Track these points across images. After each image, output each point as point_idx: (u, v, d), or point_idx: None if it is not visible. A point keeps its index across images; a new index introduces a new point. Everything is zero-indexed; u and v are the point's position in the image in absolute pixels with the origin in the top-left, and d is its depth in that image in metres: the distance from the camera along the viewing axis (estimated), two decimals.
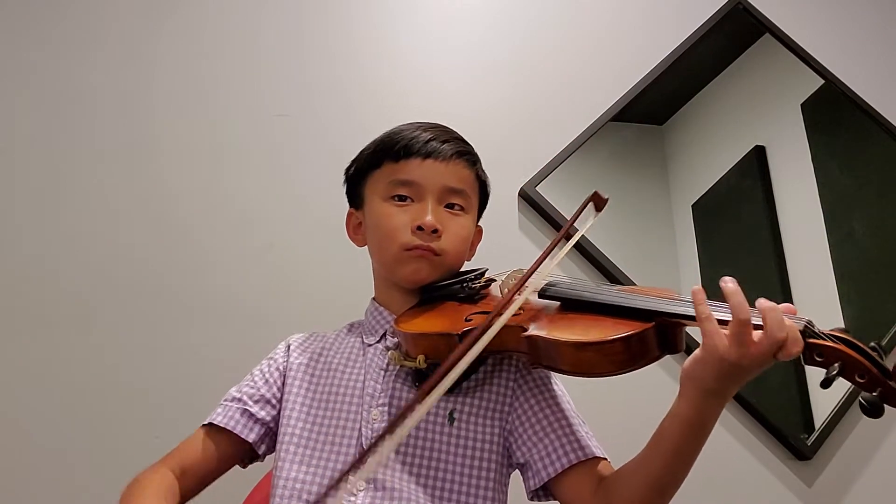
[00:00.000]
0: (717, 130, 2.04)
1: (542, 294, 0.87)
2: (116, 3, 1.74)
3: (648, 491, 0.77)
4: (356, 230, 1.05)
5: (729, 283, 0.69)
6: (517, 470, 0.91)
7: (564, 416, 0.89)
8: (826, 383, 0.65)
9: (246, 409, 0.94)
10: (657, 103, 2.00)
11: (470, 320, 0.86)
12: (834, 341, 0.67)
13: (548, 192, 1.75)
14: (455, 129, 1.04)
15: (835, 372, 0.65)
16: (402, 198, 0.96)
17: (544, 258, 0.84)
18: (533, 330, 0.80)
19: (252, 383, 0.97)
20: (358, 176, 1.03)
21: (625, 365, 0.74)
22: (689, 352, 0.75)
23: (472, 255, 1.06)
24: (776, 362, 0.68)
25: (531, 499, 0.89)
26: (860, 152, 2.10)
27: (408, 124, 1.02)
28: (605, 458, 0.87)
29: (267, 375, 0.98)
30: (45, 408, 1.41)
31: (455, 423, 0.88)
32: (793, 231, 1.89)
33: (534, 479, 0.86)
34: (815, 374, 1.73)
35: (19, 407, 1.41)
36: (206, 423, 0.94)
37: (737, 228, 1.93)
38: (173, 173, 1.63)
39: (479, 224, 1.07)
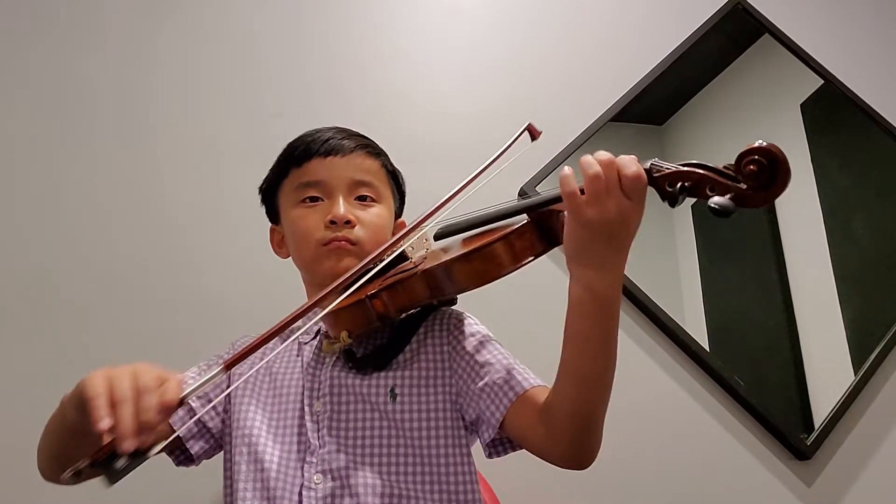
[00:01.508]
0: (717, 130, 2.04)
1: (437, 236, 0.93)
2: (116, 3, 1.74)
3: (575, 390, 0.77)
4: (280, 244, 1.07)
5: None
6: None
7: (498, 362, 0.89)
8: (672, 201, 0.69)
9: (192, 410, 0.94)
10: (657, 103, 2.00)
11: (381, 284, 0.88)
12: (678, 167, 0.70)
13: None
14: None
15: (678, 190, 0.68)
16: (312, 199, 0.98)
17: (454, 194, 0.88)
18: (427, 265, 0.84)
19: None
20: (270, 191, 1.06)
21: (515, 261, 0.79)
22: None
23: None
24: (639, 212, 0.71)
25: (489, 456, 0.90)
26: (860, 152, 2.10)
27: (309, 130, 1.04)
28: (544, 385, 0.87)
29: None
30: (42, 408, 1.41)
31: (398, 399, 0.89)
32: (793, 231, 1.90)
33: (487, 432, 0.87)
34: (815, 374, 1.74)
35: (18, 408, 1.41)
36: None
37: (737, 228, 1.93)
38: (172, 173, 1.63)
39: (402, 219, 1.09)
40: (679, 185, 0.68)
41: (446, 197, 0.88)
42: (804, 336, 1.78)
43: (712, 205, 0.65)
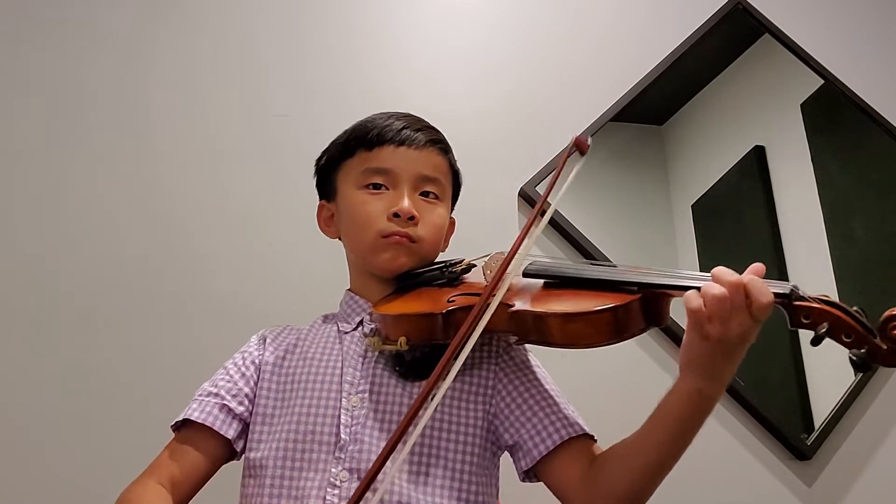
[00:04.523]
0: (717, 130, 2.04)
1: (526, 273, 0.88)
2: (116, 4, 1.74)
3: (641, 474, 0.77)
4: (328, 222, 1.05)
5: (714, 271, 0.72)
6: (507, 453, 0.91)
7: (551, 396, 0.89)
8: (816, 341, 0.68)
9: (224, 405, 0.91)
10: (657, 103, 1.99)
11: (452, 301, 0.86)
12: (820, 303, 0.69)
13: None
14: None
15: (823, 331, 0.68)
16: (376, 186, 0.96)
17: (530, 225, 0.83)
18: (520, 305, 0.80)
19: (228, 377, 0.94)
20: (329, 166, 1.03)
21: (612, 336, 0.75)
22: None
23: (446, 247, 1.06)
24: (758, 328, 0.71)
25: (523, 480, 0.89)
26: (860, 152, 2.10)
27: (379, 113, 1.03)
28: (594, 439, 0.87)
29: (243, 369, 0.95)
30: (45, 409, 1.41)
31: (438, 409, 0.87)
32: (793, 231, 1.89)
33: (525, 460, 0.86)
34: (815, 374, 1.74)
35: (20, 408, 1.41)
36: (180, 419, 0.90)
37: (737, 228, 1.93)
38: (173, 174, 1.63)
39: (452, 216, 1.07)
40: (821, 326, 0.68)
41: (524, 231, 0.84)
42: (804, 336, 1.78)
43: (856, 359, 0.67)
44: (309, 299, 1.54)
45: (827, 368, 1.79)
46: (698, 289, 0.71)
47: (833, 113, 2.09)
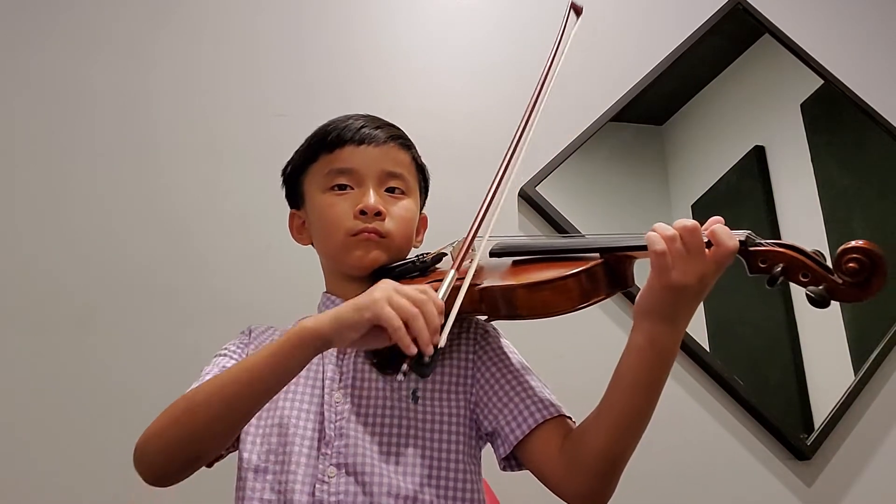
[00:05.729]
0: (717, 130, 2.04)
1: (492, 253, 0.90)
2: (117, 4, 1.74)
3: (613, 432, 0.77)
4: (299, 230, 1.06)
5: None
6: (489, 444, 0.92)
7: (526, 381, 0.89)
8: (772, 281, 0.70)
9: None
10: (657, 103, 2.00)
11: None
12: (775, 246, 0.71)
13: (548, 192, 1.75)
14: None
15: (778, 271, 0.69)
16: (341, 187, 0.96)
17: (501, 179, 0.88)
18: (486, 283, 0.82)
19: (222, 369, 0.94)
20: (295, 174, 1.04)
21: (579, 301, 0.77)
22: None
23: (420, 242, 1.07)
24: (716, 281, 0.73)
25: (503, 468, 0.90)
26: (860, 152, 2.10)
27: (339, 116, 1.03)
28: (571, 418, 0.88)
29: (236, 359, 0.95)
30: (45, 408, 1.41)
31: (419, 402, 0.88)
32: (793, 231, 1.90)
33: (503, 446, 0.87)
34: (815, 374, 1.74)
35: (20, 407, 1.41)
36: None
37: (736, 228, 1.93)
38: (173, 173, 1.63)
39: (423, 212, 1.08)
40: (776, 266, 0.69)
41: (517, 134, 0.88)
42: (804, 336, 1.78)
43: (813, 295, 0.68)
44: (308, 299, 1.54)
45: (827, 368, 1.79)
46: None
47: (833, 113, 2.09)
